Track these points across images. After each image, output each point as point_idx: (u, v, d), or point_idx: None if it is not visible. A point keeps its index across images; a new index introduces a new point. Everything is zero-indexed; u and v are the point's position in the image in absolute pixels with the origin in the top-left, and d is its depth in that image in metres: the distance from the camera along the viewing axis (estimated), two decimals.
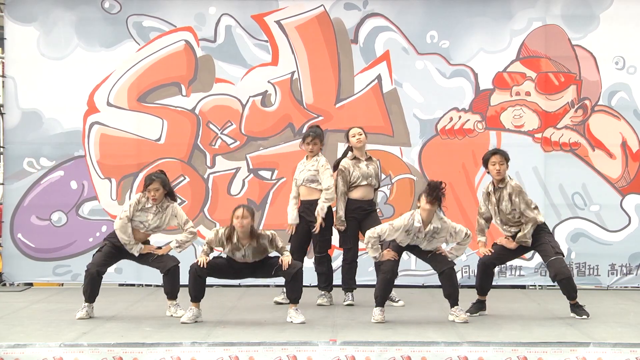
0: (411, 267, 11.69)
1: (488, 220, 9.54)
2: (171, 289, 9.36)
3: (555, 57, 11.80)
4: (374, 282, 11.40)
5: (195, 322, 8.81)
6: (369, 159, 10.30)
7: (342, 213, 10.06)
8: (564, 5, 11.82)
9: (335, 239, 10.40)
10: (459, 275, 11.70)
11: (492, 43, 11.82)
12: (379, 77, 11.88)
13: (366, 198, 10.19)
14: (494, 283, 11.32)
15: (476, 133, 11.81)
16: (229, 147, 11.86)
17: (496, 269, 11.53)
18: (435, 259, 9.11)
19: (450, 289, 9.02)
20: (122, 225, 9.26)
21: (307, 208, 10.14)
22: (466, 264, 11.71)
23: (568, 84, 11.79)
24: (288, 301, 9.05)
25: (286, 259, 8.86)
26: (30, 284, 12.04)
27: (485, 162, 9.41)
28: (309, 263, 11.74)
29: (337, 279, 10.41)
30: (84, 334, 8.25)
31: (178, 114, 11.89)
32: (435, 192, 8.77)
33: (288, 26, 11.92)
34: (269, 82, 11.90)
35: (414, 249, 9.18)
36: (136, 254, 9.36)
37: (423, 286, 11.56)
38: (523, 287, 11.74)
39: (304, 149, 10.23)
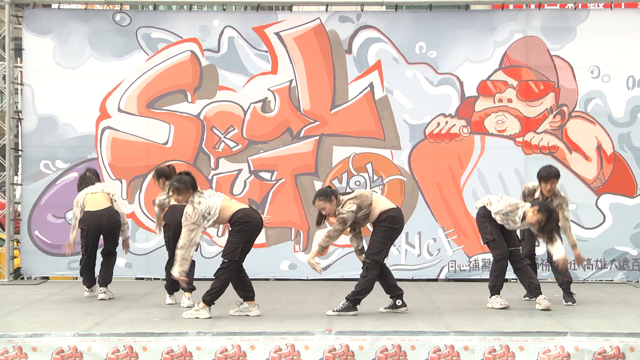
0: (401, 262, 11.71)
1: None
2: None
3: (535, 67, 11.80)
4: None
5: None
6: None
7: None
8: (543, 18, 11.83)
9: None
10: (444, 271, 11.77)
11: (476, 53, 11.82)
12: (371, 85, 11.87)
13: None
14: (478, 277, 11.40)
15: (462, 137, 11.81)
16: (231, 150, 11.85)
17: (481, 264, 11.63)
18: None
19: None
20: None
21: None
22: (452, 259, 11.73)
23: (547, 91, 11.80)
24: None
25: None
26: (47, 278, 12.04)
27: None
28: (303, 257, 11.81)
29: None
30: (96, 324, 8.24)
31: (184, 119, 11.89)
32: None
33: (286, 37, 11.92)
34: (268, 89, 11.90)
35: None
36: None
37: (412, 280, 11.57)
38: (505, 280, 11.72)
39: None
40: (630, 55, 11.71)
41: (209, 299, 8.68)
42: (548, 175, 9.70)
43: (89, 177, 10.29)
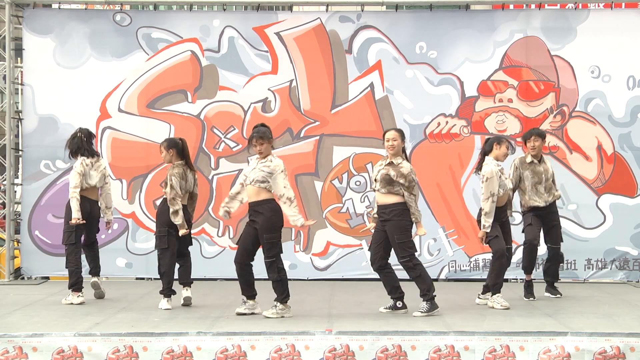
0: None
1: None
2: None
3: (536, 67, 11.81)
4: (368, 277, 11.46)
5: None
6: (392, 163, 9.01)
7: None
8: (544, 18, 11.84)
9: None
10: (445, 271, 11.76)
11: (476, 53, 11.83)
12: (371, 85, 11.88)
13: (380, 203, 9.00)
14: (478, 277, 11.40)
15: (462, 137, 11.81)
16: (231, 150, 11.86)
17: (481, 264, 11.65)
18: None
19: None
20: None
21: (252, 209, 8.87)
22: (453, 259, 11.72)
23: (547, 91, 11.80)
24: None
25: None
26: (47, 278, 12.05)
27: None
28: (303, 257, 11.82)
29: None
30: (97, 324, 8.24)
31: (184, 119, 11.89)
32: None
33: (287, 37, 11.93)
34: (269, 89, 11.90)
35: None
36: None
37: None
38: (505, 280, 11.71)
39: (253, 151, 9.03)
40: (631, 55, 11.72)
41: (285, 299, 8.79)
42: (528, 133, 10.18)
43: (83, 142, 9.97)
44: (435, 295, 8.88)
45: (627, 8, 11.97)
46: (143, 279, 11.99)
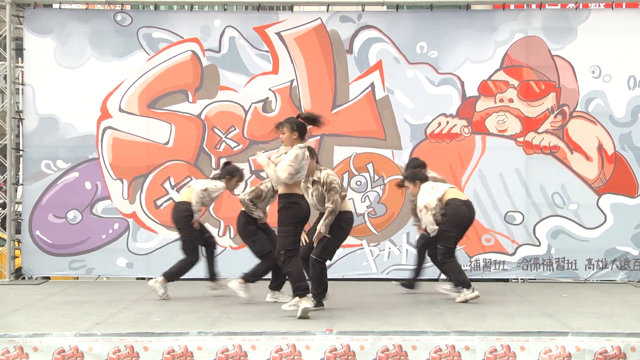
0: (402, 262, 11.70)
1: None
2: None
3: (536, 67, 11.80)
4: (368, 277, 11.49)
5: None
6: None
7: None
8: (544, 18, 11.83)
9: None
10: None
11: (477, 53, 11.82)
12: (372, 85, 11.88)
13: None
14: (479, 277, 11.40)
15: (463, 137, 11.80)
16: (232, 150, 11.85)
17: (482, 264, 11.66)
18: None
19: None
20: None
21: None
22: None
23: (548, 91, 11.80)
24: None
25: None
26: (48, 278, 12.05)
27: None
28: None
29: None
30: (97, 324, 8.24)
31: (185, 119, 11.89)
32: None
33: (287, 37, 11.92)
34: (269, 89, 11.90)
35: None
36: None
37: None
38: (506, 280, 11.74)
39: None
40: (631, 55, 11.71)
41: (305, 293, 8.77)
42: None
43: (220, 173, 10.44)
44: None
45: (628, 8, 11.96)
46: (144, 279, 11.97)
